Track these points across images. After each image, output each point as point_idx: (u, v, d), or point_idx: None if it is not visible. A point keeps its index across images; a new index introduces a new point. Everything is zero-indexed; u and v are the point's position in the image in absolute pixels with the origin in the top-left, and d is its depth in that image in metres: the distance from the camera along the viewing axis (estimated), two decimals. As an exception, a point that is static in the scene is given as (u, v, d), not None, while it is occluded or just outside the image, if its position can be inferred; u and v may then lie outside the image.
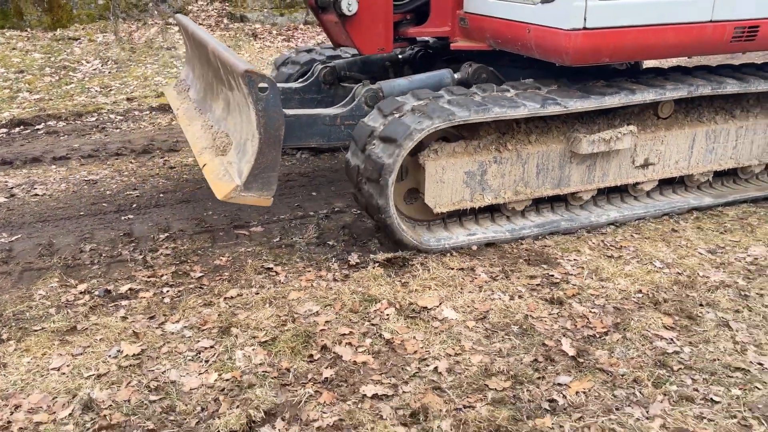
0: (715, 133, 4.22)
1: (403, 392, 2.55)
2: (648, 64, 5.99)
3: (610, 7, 3.44)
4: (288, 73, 5.14)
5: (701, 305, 3.13)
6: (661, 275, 3.40)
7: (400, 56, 4.91)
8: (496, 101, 3.55)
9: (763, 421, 2.37)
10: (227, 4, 10.39)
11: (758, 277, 3.40)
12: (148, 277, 3.41)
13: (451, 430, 2.35)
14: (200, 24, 9.89)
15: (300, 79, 4.82)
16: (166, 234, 3.91)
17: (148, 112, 6.79)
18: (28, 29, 9.30)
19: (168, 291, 3.29)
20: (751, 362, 2.71)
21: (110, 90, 7.52)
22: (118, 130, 6.21)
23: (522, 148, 3.75)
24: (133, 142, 5.74)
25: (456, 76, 4.17)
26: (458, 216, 3.88)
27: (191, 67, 4.93)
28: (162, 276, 3.42)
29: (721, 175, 4.52)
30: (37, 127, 6.23)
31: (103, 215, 4.22)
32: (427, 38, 4.79)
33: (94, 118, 6.56)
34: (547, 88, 3.79)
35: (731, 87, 3.99)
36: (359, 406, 2.47)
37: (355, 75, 4.73)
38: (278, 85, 4.51)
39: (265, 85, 3.09)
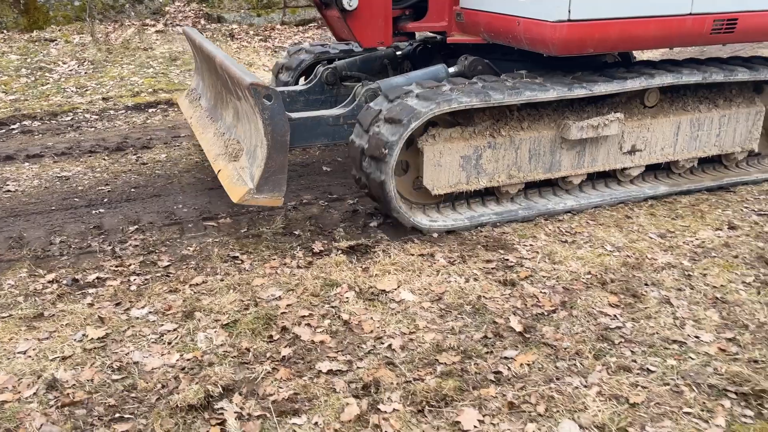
0: (699, 121, 4.42)
1: (358, 368, 2.67)
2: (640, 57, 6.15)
3: None
4: (285, 80, 5.45)
5: (646, 284, 3.28)
6: (611, 258, 3.56)
7: (398, 53, 5.15)
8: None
9: (694, 388, 2.52)
10: (204, 5, 10.47)
11: (703, 258, 3.57)
12: (116, 266, 3.51)
13: (400, 400, 2.47)
14: (177, 25, 9.97)
15: (305, 83, 5.11)
16: (136, 226, 4.00)
17: (123, 112, 6.86)
18: (5, 31, 9.33)
19: (135, 279, 3.38)
20: (688, 335, 2.86)
21: (86, 90, 7.57)
22: (92, 129, 6.28)
23: (515, 134, 3.95)
24: (107, 140, 5.81)
25: (452, 69, 4.38)
26: (465, 198, 4.10)
27: (201, 77, 5.16)
28: (130, 265, 3.52)
29: (704, 162, 4.75)
30: (12, 126, 6.29)
31: (74, 210, 4.30)
32: (425, 34, 5.01)
33: (69, 118, 6.62)
34: (513, 81, 3.95)
35: (716, 75, 4.21)
36: (314, 381, 2.59)
37: (356, 74, 4.97)
38: (284, 89, 4.81)
39: (269, 95, 3.32)
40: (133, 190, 4.65)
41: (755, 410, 2.41)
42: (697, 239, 3.79)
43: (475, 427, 2.33)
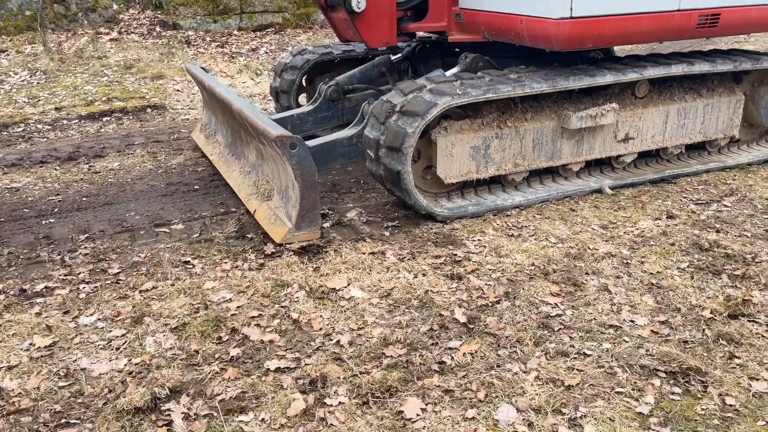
0: (685, 110, 4.73)
1: (306, 364, 2.73)
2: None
3: None
4: (290, 78, 5.69)
5: (587, 273, 3.41)
6: (554, 249, 3.68)
7: (393, 59, 5.40)
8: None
9: (626, 369, 2.64)
10: (159, 12, 10.39)
11: (642, 247, 3.71)
12: (65, 275, 3.50)
13: (346, 393, 2.53)
14: (131, 33, 9.88)
15: (311, 102, 5.39)
16: (86, 235, 3.99)
17: (76, 121, 6.79)
18: (-48, 42, 9.12)
19: (84, 288, 3.38)
20: (624, 320, 2.99)
21: (38, 100, 7.46)
22: (44, 140, 6.20)
23: (520, 125, 4.19)
24: (59, 150, 5.75)
25: (454, 70, 4.60)
26: (474, 187, 4.37)
27: (212, 113, 5.35)
28: (79, 274, 3.51)
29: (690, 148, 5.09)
30: (-40, 139, 6.17)
31: (24, 220, 4.26)
32: (423, 34, 5.23)
33: (20, 129, 6.52)
34: (517, 74, 4.16)
35: (700, 66, 4.49)
36: (262, 379, 2.63)
37: (357, 86, 5.29)
38: (294, 112, 5.15)
39: (294, 143, 3.58)
40: (84, 199, 4.62)
41: (683, 387, 2.53)
42: (637, 229, 3.94)
43: (417, 415, 2.40)
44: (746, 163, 5.04)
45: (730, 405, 2.43)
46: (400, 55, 5.49)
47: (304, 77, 5.91)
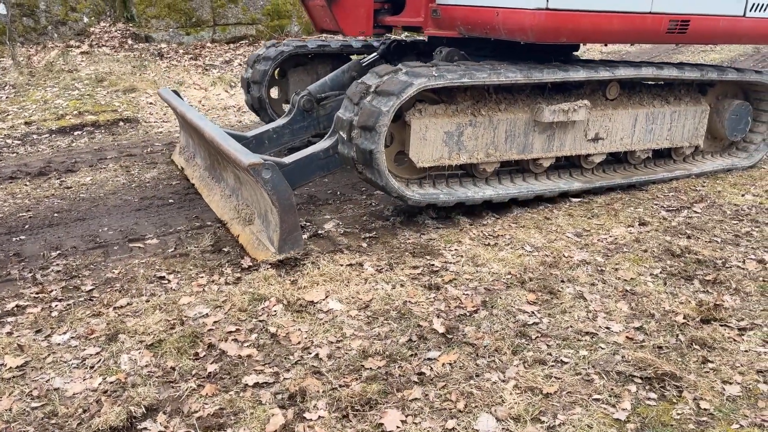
0: (653, 115, 4.86)
1: (284, 379, 2.70)
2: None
3: None
4: (263, 69, 5.71)
5: (563, 281, 3.45)
6: (530, 258, 3.71)
7: (363, 63, 5.43)
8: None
9: (603, 375, 2.67)
10: (131, 24, 10.30)
11: (615, 254, 3.77)
12: (37, 293, 3.42)
13: (326, 407, 2.52)
14: (103, 46, 9.77)
15: (285, 115, 5.37)
16: (58, 252, 3.92)
17: (47, 136, 6.68)
18: None
19: (57, 305, 3.31)
20: (599, 327, 3.03)
21: (7, 115, 7.33)
22: (14, 155, 6.08)
23: (493, 115, 4.24)
24: (30, 165, 5.65)
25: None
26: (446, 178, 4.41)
27: (188, 136, 5.34)
28: (51, 292, 3.44)
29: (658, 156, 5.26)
30: (-74, 155, 6.02)
31: (-7, 238, 4.17)
32: (397, 37, 5.35)
33: (-12, 144, 6.39)
34: (493, 64, 4.23)
35: (668, 71, 4.64)
36: (240, 395, 2.60)
37: (329, 93, 5.29)
38: (270, 126, 5.15)
39: (268, 170, 3.59)
40: (55, 215, 4.54)
41: (658, 393, 2.57)
42: (610, 236, 4.01)
43: (398, 427, 2.40)
44: (710, 171, 5.18)
45: (705, 409, 2.47)
46: (375, 54, 5.54)
47: (277, 70, 5.93)
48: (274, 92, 6.21)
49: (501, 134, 4.31)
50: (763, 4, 4.63)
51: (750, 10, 4.61)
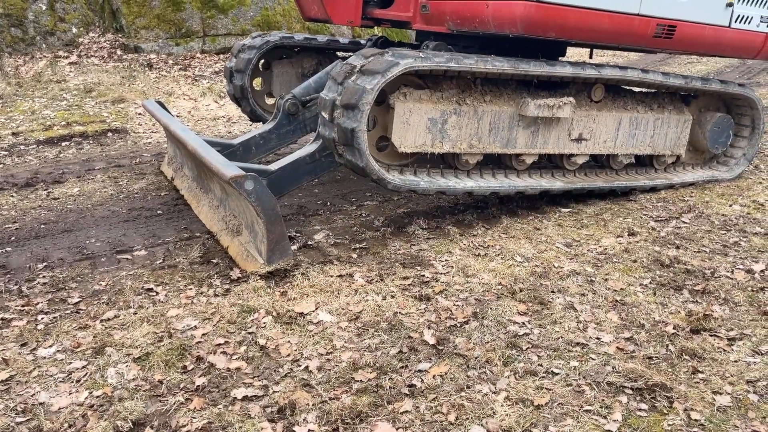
0: (637, 120, 4.89)
1: (274, 392, 2.68)
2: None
3: None
4: (247, 57, 5.68)
5: (553, 292, 3.45)
6: (520, 268, 3.71)
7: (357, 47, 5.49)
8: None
9: (594, 386, 2.66)
10: (120, 35, 10.27)
11: (605, 264, 3.78)
12: (22, 306, 3.38)
13: (316, 420, 2.49)
14: (91, 56, 9.73)
15: (271, 120, 5.34)
16: (44, 264, 3.87)
17: (34, 146, 6.62)
18: None
19: (42, 318, 3.27)
20: (590, 337, 3.03)
21: (-6, 125, 7.26)
22: (1, 165, 6.02)
23: (478, 105, 4.23)
24: (16, 176, 5.59)
25: None
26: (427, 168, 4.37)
27: (175, 147, 5.28)
28: (37, 304, 3.40)
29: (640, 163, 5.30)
30: None
31: (-22, 250, 4.11)
32: (383, 36, 5.34)
33: (-26, 155, 6.32)
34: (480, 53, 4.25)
35: (653, 77, 4.69)
36: (229, 409, 2.57)
37: (314, 96, 5.19)
38: (256, 132, 5.12)
39: (251, 182, 3.55)
40: (42, 226, 4.49)
41: (649, 404, 2.57)
42: (600, 246, 4.02)
43: (388, 440, 2.38)
44: (690, 183, 5.22)
45: (696, 420, 2.47)
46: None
47: (261, 61, 5.91)
48: (258, 84, 6.18)
49: (485, 126, 4.29)
50: (748, 17, 4.69)
51: (735, 21, 4.67)
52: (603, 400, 2.58)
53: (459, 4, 4.37)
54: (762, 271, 3.69)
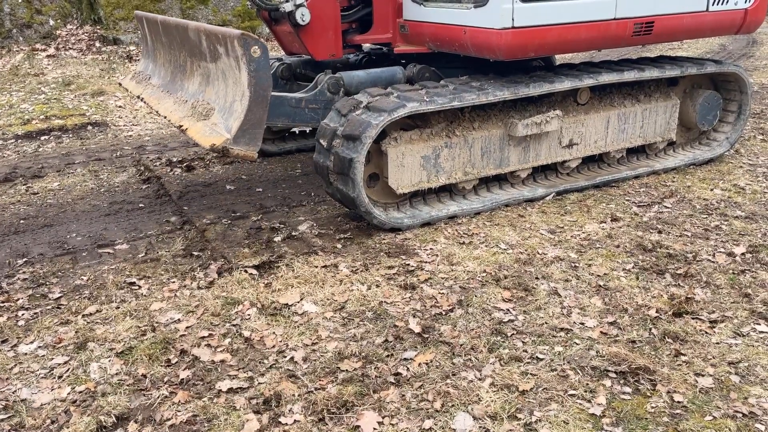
0: (625, 115, 4.88)
1: (259, 383, 2.66)
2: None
3: (533, 8, 3.96)
4: None
5: (537, 278, 3.46)
6: (505, 256, 3.72)
7: (349, 59, 5.31)
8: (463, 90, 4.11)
9: (578, 371, 2.68)
10: (99, 27, 10.12)
11: (588, 250, 3.80)
12: (2, 302, 3.33)
13: (302, 411, 2.49)
14: (70, 49, 9.58)
15: (305, 90, 5.08)
16: (24, 259, 3.82)
17: (12, 141, 6.52)
18: None
19: (23, 314, 3.22)
20: (574, 322, 3.04)
21: (-30, 120, 7.13)
22: (-22, 161, 5.92)
23: (468, 134, 4.23)
24: (-6, 171, 5.50)
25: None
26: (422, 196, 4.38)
27: (151, 60, 5.13)
28: (17, 300, 3.35)
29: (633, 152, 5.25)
30: None
31: (-44, 246, 4.05)
32: (369, 47, 5.23)
33: (-49, 150, 6.21)
34: (479, 83, 4.23)
35: (628, 74, 4.63)
36: (214, 401, 2.56)
37: (309, 73, 5.09)
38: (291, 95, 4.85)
39: (258, 48, 3.36)
40: (22, 221, 4.43)
41: (633, 387, 2.59)
42: (583, 232, 4.04)
43: (374, 429, 2.37)
44: (672, 168, 5.20)
45: (678, 402, 2.49)
46: (350, 60, 5.47)
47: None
48: None
49: (477, 152, 4.31)
50: None
51: (713, 5, 4.68)
52: (587, 384, 2.59)
53: (437, 27, 4.34)
54: (743, 254, 3.73)
